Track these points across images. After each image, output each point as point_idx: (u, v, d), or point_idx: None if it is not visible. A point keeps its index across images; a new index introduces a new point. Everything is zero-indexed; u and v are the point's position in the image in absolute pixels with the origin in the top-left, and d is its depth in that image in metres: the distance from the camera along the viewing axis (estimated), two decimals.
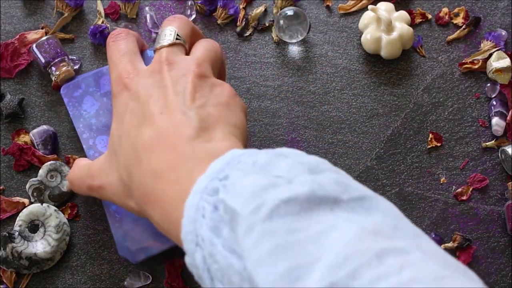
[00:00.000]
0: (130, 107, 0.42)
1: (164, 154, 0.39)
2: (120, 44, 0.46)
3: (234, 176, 0.35)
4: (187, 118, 0.40)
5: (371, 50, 0.53)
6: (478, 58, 0.54)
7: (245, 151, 0.37)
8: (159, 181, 0.39)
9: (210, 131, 0.40)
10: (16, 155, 0.50)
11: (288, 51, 0.54)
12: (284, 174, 0.34)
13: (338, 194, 0.33)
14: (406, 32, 0.52)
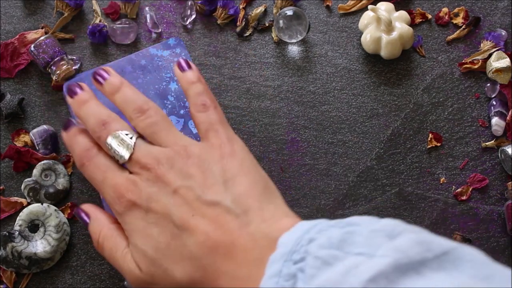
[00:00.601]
0: (150, 220, 0.40)
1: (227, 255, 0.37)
2: (97, 161, 0.43)
3: (313, 265, 0.33)
4: (223, 209, 0.39)
5: (371, 50, 0.53)
6: (478, 58, 0.54)
7: (312, 224, 0.36)
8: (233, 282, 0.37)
9: (254, 211, 0.39)
10: (14, 157, 0.50)
11: (288, 51, 0.54)
12: (364, 249, 0.33)
13: (422, 255, 0.33)
14: (406, 32, 0.52)
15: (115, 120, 0.44)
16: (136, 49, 0.54)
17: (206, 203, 0.39)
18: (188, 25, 0.54)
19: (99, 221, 0.44)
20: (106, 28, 0.53)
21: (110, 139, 0.43)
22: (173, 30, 0.54)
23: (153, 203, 0.40)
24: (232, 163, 0.41)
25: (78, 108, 0.45)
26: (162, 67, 0.51)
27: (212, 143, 0.42)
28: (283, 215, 0.39)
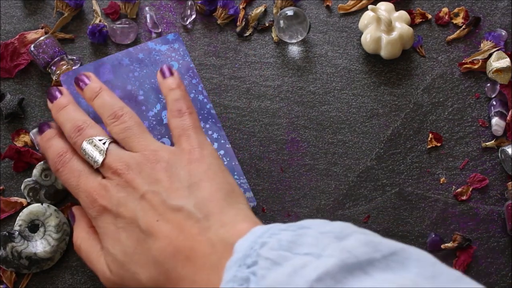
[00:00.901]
0: (119, 225, 0.42)
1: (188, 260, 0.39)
2: (71, 166, 0.45)
3: (263, 266, 0.34)
4: (185, 214, 0.40)
5: (371, 50, 0.53)
6: (478, 58, 0.54)
7: (266, 228, 0.37)
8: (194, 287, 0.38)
9: (214, 215, 0.40)
10: (14, 157, 0.50)
11: (288, 51, 0.54)
12: (312, 250, 0.34)
13: (369, 255, 0.33)
14: (406, 32, 0.52)
15: (90, 126, 0.45)
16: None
17: (170, 207, 0.40)
18: (188, 25, 0.54)
19: (80, 224, 0.46)
20: (106, 28, 0.53)
21: (85, 144, 0.45)
22: (173, 30, 0.54)
23: (122, 208, 0.42)
24: (198, 168, 0.42)
25: (56, 113, 0.47)
26: (159, 61, 0.52)
27: (183, 148, 0.44)
28: (242, 220, 0.40)
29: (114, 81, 0.51)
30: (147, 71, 0.51)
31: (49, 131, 0.47)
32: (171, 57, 0.52)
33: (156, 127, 0.49)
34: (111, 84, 0.50)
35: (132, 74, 0.51)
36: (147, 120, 0.50)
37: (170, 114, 0.46)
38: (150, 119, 0.50)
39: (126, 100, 0.50)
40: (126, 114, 0.45)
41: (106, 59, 0.51)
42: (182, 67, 0.52)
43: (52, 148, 0.46)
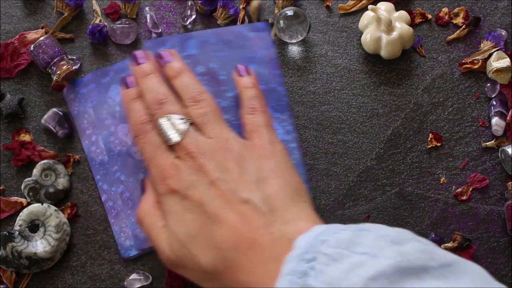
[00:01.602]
0: (186, 206, 0.42)
1: (249, 250, 0.39)
2: (150, 137, 0.45)
3: (322, 262, 0.35)
4: (252, 206, 0.41)
5: (371, 50, 0.53)
6: (478, 58, 0.54)
7: (326, 228, 0.37)
8: (252, 277, 0.39)
9: (279, 211, 0.41)
10: (16, 150, 0.51)
11: (288, 51, 0.54)
12: (369, 250, 0.35)
13: (425, 262, 0.34)
14: (406, 32, 0.52)
15: (170, 102, 0.46)
16: (136, 49, 0.53)
17: (238, 198, 0.41)
18: (188, 25, 0.54)
19: (147, 197, 0.46)
20: (106, 28, 0.53)
21: (162, 120, 0.45)
22: (173, 30, 0.54)
23: (191, 190, 0.42)
24: (267, 164, 0.43)
25: (139, 78, 0.47)
26: (245, 46, 0.52)
27: (254, 143, 0.45)
28: (304, 218, 0.41)
29: (198, 57, 0.51)
30: (232, 53, 0.52)
31: (133, 91, 0.48)
32: (257, 44, 0.52)
33: (233, 109, 0.49)
34: (195, 59, 0.51)
35: (217, 54, 0.51)
36: (226, 100, 0.50)
37: (244, 111, 0.47)
38: (229, 99, 0.50)
39: (207, 77, 0.50)
40: (206, 100, 0.46)
41: (194, 33, 0.52)
42: (266, 56, 0.52)
43: (135, 112, 0.46)
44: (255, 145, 0.45)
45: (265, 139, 0.45)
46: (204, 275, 0.42)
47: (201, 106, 0.46)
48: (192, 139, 0.44)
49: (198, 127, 0.45)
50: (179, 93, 0.47)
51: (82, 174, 0.51)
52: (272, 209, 0.41)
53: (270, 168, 0.43)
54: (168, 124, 0.45)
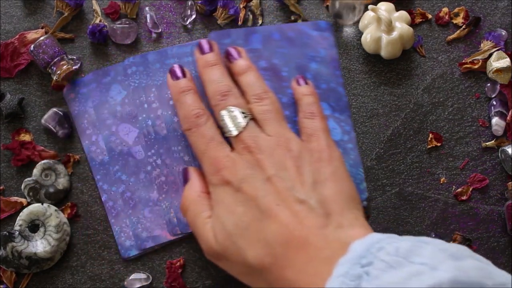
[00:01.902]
0: (238, 199, 0.42)
1: (299, 249, 0.39)
2: (204, 130, 0.46)
3: (378, 267, 0.35)
4: (308, 207, 0.41)
5: (371, 50, 0.53)
6: (478, 58, 0.54)
7: (384, 236, 0.37)
8: (299, 275, 0.39)
9: (334, 215, 0.41)
10: (16, 150, 0.51)
11: None
12: (428, 261, 0.35)
13: (482, 280, 0.34)
14: (406, 32, 0.52)
15: (234, 95, 0.46)
16: (136, 49, 0.54)
17: (294, 197, 0.41)
18: (188, 25, 0.54)
19: (193, 185, 0.46)
20: (106, 28, 0.53)
21: (225, 112, 0.46)
22: (173, 30, 0.54)
23: (245, 184, 0.43)
24: (325, 168, 0.44)
25: (203, 68, 0.48)
26: (308, 45, 0.52)
27: (313, 146, 0.45)
28: (359, 225, 0.41)
29: (261, 51, 0.51)
30: (294, 50, 0.52)
31: (185, 82, 0.48)
32: (320, 43, 0.53)
33: (293, 105, 0.50)
34: (258, 53, 0.51)
35: (280, 50, 0.52)
36: (287, 96, 0.50)
37: (302, 114, 0.48)
38: (289, 96, 0.50)
39: (269, 72, 0.51)
40: (270, 98, 0.47)
41: (258, 28, 0.52)
42: (328, 56, 0.53)
43: (188, 104, 0.47)
44: (314, 148, 0.45)
45: (323, 144, 0.45)
46: (247, 269, 0.42)
47: (264, 104, 0.46)
48: (252, 134, 0.44)
49: (258, 124, 0.46)
50: (243, 90, 0.47)
51: (82, 174, 0.51)
52: (328, 213, 0.41)
53: (327, 172, 0.43)
54: (229, 116, 0.45)
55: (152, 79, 0.52)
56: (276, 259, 0.40)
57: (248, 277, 0.42)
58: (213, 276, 0.50)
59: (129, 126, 0.51)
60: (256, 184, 0.42)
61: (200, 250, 0.50)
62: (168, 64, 0.52)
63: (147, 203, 0.50)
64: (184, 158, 0.50)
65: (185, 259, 0.50)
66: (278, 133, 0.45)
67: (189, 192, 0.46)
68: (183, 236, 0.50)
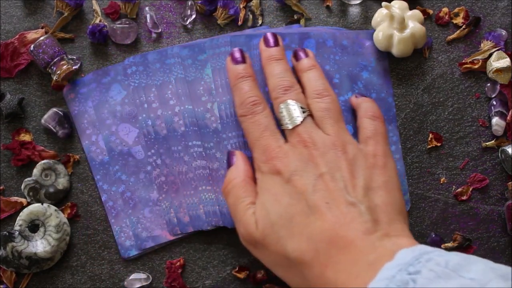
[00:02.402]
0: (286, 191, 0.42)
1: (343, 249, 0.39)
2: (259, 118, 0.46)
3: (426, 276, 0.34)
4: (357, 210, 0.41)
5: (383, 47, 0.52)
6: (478, 58, 0.54)
7: (433, 249, 0.37)
8: (340, 275, 0.38)
9: (381, 224, 0.40)
10: (16, 150, 0.51)
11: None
12: (477, 277, 0.34)
13: None
14: (419, 31, 0.52)
15: (296, 91, 0.47)
16: (136, 49, 0.54)
17: (343, 198, 0.41)
18: (188, 25, 0.54)
19: (238, 170, 0.46)
20: (106, 28, 0.53)
21: (285, 104, 0.46)
22: (173, 30, 0.54)
23: (296, 176, 0.42)
24: (379, 176, 0.43)
25: (267, 61, 0.48)
26: (360, 53, 0.52)
27: (368, 150, 0.45)
28: (407, 236, 0.41)
29: (315, 57, 0.51)
30: (347, 58, 0.52)
31: (244, 67, 0.48)
32: (372, 53, 0.53)
33: (343, 113, 0.49)
34: None
35: (333, 56, 0.52)
36: None
37: (364, 114, 0.48)
38: (340, 103, 0.50)
39: None
40: (330, 96, 0.47)
41: (312, 33, 0.52)
42: (379, 66, 0.53)
43: (245, 91, 0.47)
44: (370, 153, 0.44)
45: (380, 150, 0.45)
46: (283, 260, 0.41)
47: (324, 101, 0.46)
48: (309, 129, 0.45)
49: (316, 121, 0.46)
50: (304, 85, 0.48)
51: (82, 174, 0.51)
52: (376, 220, 0.40)
53: (380, 180, 0.43)
54: (288, 110, 0.45)
55: (152, 79, 0.52)
56: (318, 256, 0.40)
57: (283, 268, 0.42)
58: (213, 276, 0.50)
59: (129, 126, 0.51)
60: (307, 179, 0.42)
61: (200, 250, 0.50)
62: (168, 64, 0.52)
63: (147, 203, 0.50)
64: (184, 158, 0.50)
65: (185, 259, 0.50)
66: (335, 132, 0.45)
67: (233, 175, 0.46)
68: (183, 236, 0.50)
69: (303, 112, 0.45)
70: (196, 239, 0.50)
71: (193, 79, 0.51)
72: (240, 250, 0.50)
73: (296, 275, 0.41)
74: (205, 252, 0.50)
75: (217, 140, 0.50)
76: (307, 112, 0.45)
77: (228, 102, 0.50)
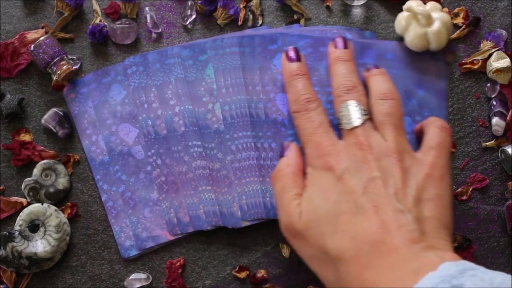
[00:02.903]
0: (336, 188, 0.42)
1: (386, 254, 0.39)
2: (313, 115, 0.46)
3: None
4: (405, 219, 0.40)
5: (421, 48, 0.52)
6: (478, 58, 0.54)
7: (478, 266, 0.37)
8: (379, 278, 0.38)
9: (427, 236, 0.40)
10: (16, 150, 0.51)
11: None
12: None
13: None
14: (446, 18, 0.51)
15: (359, 92, 0.46)
16: (136, 49, 0.54)
17: (393, 205, 0.41)
18: (188, 25, 0.54)
19: (290, 160, 0.46)
20: (106, 28, 0.53)
21: (346, 104, 0.45)
22: (173, 30, 0.54)
23: (347, 175, 0.42)
24: (433, 188, 0.43)
25: (334, 60, 0.48)
26: (419, 70, 0.52)
27: (427, 160, 0.44)
28: (450, 251, 0.40)
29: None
30: (405, 73, 0.51)
31: (298, 66, 0.48)
32: (432, 71, 0.52)
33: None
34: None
35: (391, 70, 0.51)
36: None
37: (432, 123, 0.47)
38: None
39: None
40: (395, 101, 0.46)
41: (374, 44, 0.52)
42: (437, 85, 0.52)
43: (299, 88, 0.47)
44: (427, 162, 0.44)
45: (439, 162, 0.44)
46: (321, 254, 0.41)
47: (389, 105, 0.46)
48: (367, 132, 0.44)
49: (376, 125, 0.45)
50: (370, 87, 0.47)
51: (82, 174, 0.51)
52: (423, 231, 0.40)
53: (433, 193, 0.42)
54: (348, 110, 0.45)
55: (152, 79, 0.52)
56: (359, 256, 0.39)
57: (318, 262, 0.42)
58: (213, 276, 0.50)
59: (129, 126, 0.51)
60: (358, 179, 0.42)
61: (200, 250, 0.50)
62: (168, 64, 0.52)
63: (147, 203, 0.50)
64: (184, 158, 0.50)
65: (185, 259, 0.50)
66: (394, 140, 0.44)
67: (285, 165, 0.46)
68: (183, 236, 0.50)
69: (364, 114, 0.45)
70: (196, 239, 0.50)
71: (193, 79, 0.51)
72: (240, 250, 0.50)
73: (331, 271, 0.41)
74: (205, 252, 0.50)
75: (218, 141, 0.50)
76: (367, 115, 0.45)
77: (233, 103, 0.50)
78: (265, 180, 0.50)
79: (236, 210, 0.50)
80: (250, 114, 0.50)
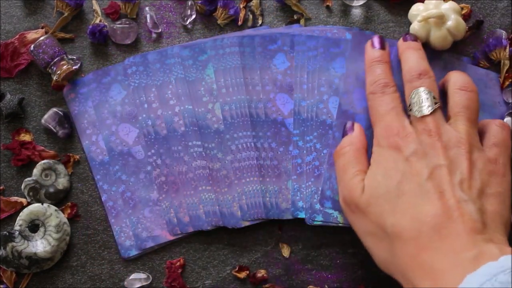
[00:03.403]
0: (401, 169, 0.43)
1: (446, 239, 0.39)
2: (387, 98, 0.46)
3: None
4: (469, 208, 0.40)
5: (449, 45, 0.52)
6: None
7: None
8: (437, 261, 0.39)
9: (488, 229, 0.41)
10: (16, 150, 0.51)
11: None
12: None
13: None
14: (455, 6, 0.51)
15: (430, 78, 0.47)
16: (136, 49, 0.54)
17: (458, 193, 0.41)
18: (188, 25, 0.54)
19: (353, 138, 0.47)
20: (106, 28, 0.53)
21: (418, 91, 0.46)
22: (173, 30, 0.54)
23: (415, 157, 0.43)
24: (495, 184, 0.43)
25: (404, 49, 0.49)
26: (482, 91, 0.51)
27: (490, 156, 0.44)
28: (508, 245, 0.41)
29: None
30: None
31: (381, 53, 0.49)
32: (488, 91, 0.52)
33: None
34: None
35: None
36: None
37: (494, 123, 0.47)
38: None
39: None
40: (473, 93, 0.46)
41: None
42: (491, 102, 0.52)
43: (378, 73, 0.47)
44: (491, 160, 0.44)
45: (502, 159, 0.45)
46: (379, 231, 0.42)
47: (468, 97, 0.46)
48: (438, 120, 0.44)
49: (450, 114, 0.46)
50: (449, 79, 0.48)
51: (82, 174, 0.51)
52: (484, 224, 0.40)
53: (495, 189, 0.43)
54: (420, 97, 0.45)
55: (152, 79, 0.52)
56: (419, 237, 0.40)
57: (374, 239, 0.43)
58: (213, 276, 0.50)
59: (129, 126, 0.51)
60: (425, 164, 0.42)
61: (200, 250, 0.50)
62: (168, 64, 0.52)
63: (147, 203, 0.50)
64: (184, 158, 0.50)
65: (185, 259, 0.50)
66: (466, 132, 0.44)
67: (349, 142, 0.47)
68: (183, 236, 0.50)
69: (435, 103, 0.45)
70: (196, 239, 0.51)
71: (193, 79, 0.51)
72: (240, 250, 0.50)
73: (385, 249, 0.42)
74: (205, 252, 0.50)
75: (218, 141, 0.50)
76: (438, 103, 0.45)
77: (233, 102, 0.50)
78: (265, 180, 0.50)
79: (236, 210, 0.50)
80: (250, 114, 0.51)
